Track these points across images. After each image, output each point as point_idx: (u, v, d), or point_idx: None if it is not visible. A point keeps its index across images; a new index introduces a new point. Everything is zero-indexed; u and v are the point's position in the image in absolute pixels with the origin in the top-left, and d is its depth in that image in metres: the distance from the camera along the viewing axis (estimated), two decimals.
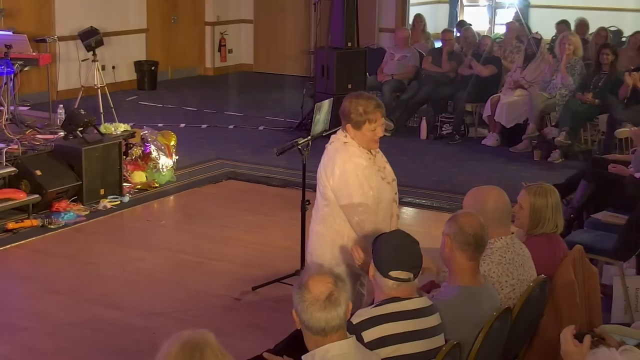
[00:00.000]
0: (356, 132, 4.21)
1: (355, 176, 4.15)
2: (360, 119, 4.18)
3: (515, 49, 10.48)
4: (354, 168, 4.16)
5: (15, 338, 5.07)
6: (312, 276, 2.91)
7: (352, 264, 4.18)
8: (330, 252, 4.30)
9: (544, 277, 3.90)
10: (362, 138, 4.22)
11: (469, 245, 3.51)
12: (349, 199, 4.15)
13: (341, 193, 4.17)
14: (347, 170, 4.16)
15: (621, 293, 5.26)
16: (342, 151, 4.21)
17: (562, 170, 8.31)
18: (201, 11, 14.02)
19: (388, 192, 4.33)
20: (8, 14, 10.80)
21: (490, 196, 3.96)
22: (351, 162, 4.17)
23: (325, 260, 4.29)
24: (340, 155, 4.20)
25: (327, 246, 4.32)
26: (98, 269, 6.16)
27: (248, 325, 5.18)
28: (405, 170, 8.80)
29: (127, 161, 7.88)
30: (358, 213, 4.14)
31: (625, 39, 12.03)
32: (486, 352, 3.46)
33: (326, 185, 4.24)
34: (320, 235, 4.34)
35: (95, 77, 9.75)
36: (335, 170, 4.19)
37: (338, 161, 4.19)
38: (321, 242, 4.34)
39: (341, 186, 4.16)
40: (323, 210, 4.31)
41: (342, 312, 2.89)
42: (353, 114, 4.19)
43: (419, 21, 11.90)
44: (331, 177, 4.21)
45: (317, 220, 4.38)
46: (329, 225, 4.29)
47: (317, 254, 4.36)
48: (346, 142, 4.24)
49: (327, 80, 9.99)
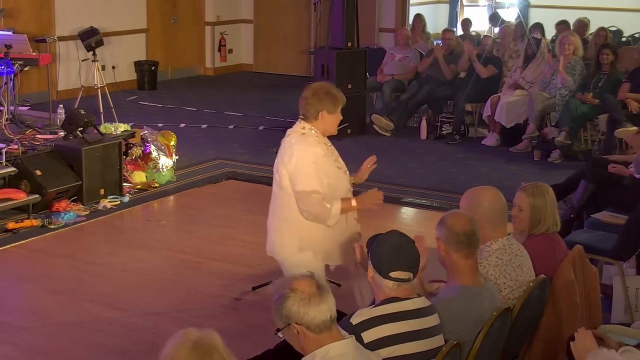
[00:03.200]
0: (329, 117, 4.39)
1: (313, 164, 4.28)
2: (336, 106, 4.39)
3: (514, 53, 10.47)
4: (312, 157, 4.29)
5: (15, 338, 5.07)
6: (290, 282, 2.92)
7: (314, 251, 4.36)
8: (290, 240, 4.40)
9: (544, 277, 3.90)
10: (331, 124, 4.40)
11: (462, 244, 3.52)
12: (304, 186, 4.26)
13: (297, 179, 4.28)
14: (305, 159, 4.28)
15: (621, 293, 5.26)
16: (301, 141, 4.34)
17: (562, 170, 8.31)
18: (201, 11, 14.02)
19: (345, 181, 4.45)
20: (8, 14, 10.80)
21: (485, 196, 3.96)
22: (310, 151, 4.30)
23: (286, 249, 4.43)
24: (299, 146, 4.33)
25: (287, 235, 4.42)
26: (98, 269, 6.16)
27: (248, 325, 5.17)
28: (405, 170, 8.82)
29: (127, 161, 7.88)
30: (308, 199, 4.25)
31: (625, 39, 12.05)
32: (486, 352, 3.46)
33: (283, 173, 4.34)
34: (280, 226, 4.44)
35: (95, 77, 9.76)
36: (293, 159, 4.30)
37: (296, 150, 4.31)
38: (281, 232, 4.45)
39: (297, 173, 4.27)
40: (280, 201, 4.41)
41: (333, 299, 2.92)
42: (329, 101, 4.38)
43: (418, 21, 11.90)
44: (289, 164, 4.31)
45: (274, 212, 4.48)
46: (287, 215, 4.38)
47: (278, 244, 4.47)
48: (304, 133, 4.37)
49: (327, 80, 9.98)
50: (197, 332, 2.48)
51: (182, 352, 2.42)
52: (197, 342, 2.44)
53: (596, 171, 6.51)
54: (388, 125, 10.28)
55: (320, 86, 4.45)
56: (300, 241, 4.39)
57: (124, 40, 12.60)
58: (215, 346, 2.45)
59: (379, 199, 4.48)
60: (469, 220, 3.56)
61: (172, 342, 2.47)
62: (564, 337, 3.97)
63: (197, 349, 2.42)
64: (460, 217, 3.58)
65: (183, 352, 2.42)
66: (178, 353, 2.43)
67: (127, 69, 12.72)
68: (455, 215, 3.62)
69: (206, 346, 2.44)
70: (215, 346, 2.45)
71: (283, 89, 13.03)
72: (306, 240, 4.38)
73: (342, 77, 9.98)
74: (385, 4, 13.54)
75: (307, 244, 4.40)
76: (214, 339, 2.48)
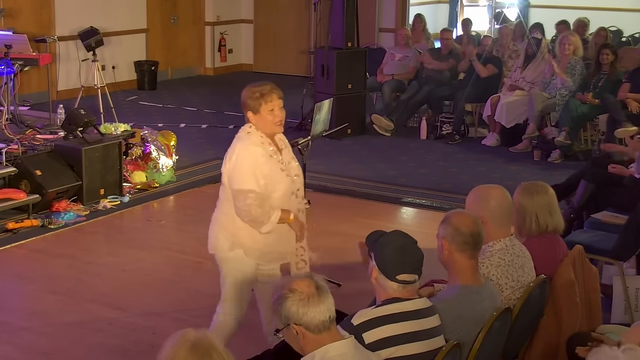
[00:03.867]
0: (257, 118, 4.31)
1: (249, 164, 4.24)
2: (257, 102, 4.29)
3: (513, 53, 10.47)
4: (249, 155, 4.25)
5: (15, 338, 5.07)
6: (289, 283, 2.91)
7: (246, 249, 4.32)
8: (224, 236, 4.37)
9: (544, 277, 3.90)
10: (264, 122, 4.31)
11: (468, 245, 3.51)
12: (240, 184, 4.22)
13: (234, 179, 4.25)
14: (243, 157, 4.25)
15: (621, 293, 5.26)
16: (244, 139, 4.30)
17: (562, 170, 8.31)
18: (201, 11, 14.02)
19: (286, 184, 4.35)
20: (8, 14, 10.80)
21: (493, 195, 3.96)
22: (248, 149, 4.26)
23: (219, 243, 4.40)
24: (240, 143, 4.30)
25: (222, 230, 4.40)
26: (98, 269, 6.16)
27: (248, 326, 5.17)
28: (405, 170, 8.82)
29: (127, 161, 7.88)
30: (245, 198, 4.20)
31: (625, 39, 12.05)
32: (486, 352, 3.46)
33: (223, 171, 4.33)
34: (217, 219, 4.44)
35: (95, 77, 9.76)
36: (233, 157, 4.28)
37: (237, 148, 4.29)
38: (217, 226, 4.43)
39: (235, 172, 4.25)
40: (221, 195, 4.42)
41: (332, 299, 2.92)
42: (249, 99, 4.31)
43: (419, 21, 11.90)
44: (228, 162, 4.30)
45: (218, 205, 4.47)
46: (225, 210, 4.37)
47: (212, 237, 4.45)
48: (249, 132, 4.33)
49: (327, 80, 9.99)
50: (194, 333, 2.48)
51: (181, 353, 2.42)
52: (195, 343, 2.44)
53: (596, 171, 6.51)
54: (388, 125, 10.28)
55: (247, 89, 4.40)
56: (233, 237, 4.35)
57: (124, 40, 12.59)
58: (213, 346, 2.45)
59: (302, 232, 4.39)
60: (474, 220, 3.56)
61: (170, 343, 2.47)
62: (564, 337, 3.97)
63: (196, 350, 2.42)
64: (466, 217, 3.57)
65: (182, 353, 2.42)
66: (177, 354, 2.43)
67: (127, 69, 12.72)
68: (460, 215, 3.60)
69: (205, 346, 2.44)
70: (213, 346, 2.45)
71: (283, 89, 12.92)
72: (239, 237, 4.34)
73: (342, 77, 9.98)
74: (385, 4, 13.54)
75: (239, 242, 4.35)
76: (212, 338, 2.48)
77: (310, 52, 12.93)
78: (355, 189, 8.13)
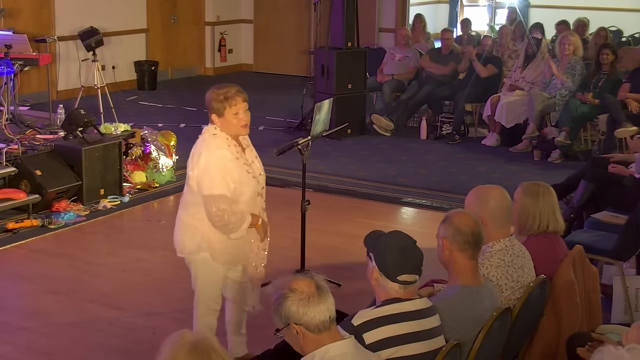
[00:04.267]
0: (221, 121, 4.28)
1: (219, 168, 4.21)
2: (221, 105, 4.25)
3: (513, 53, 10.47)
4: (218, 160, 4.22)
5: (15, 338, 5.07)
6: (290, 282, 2.91)
7: (212, 254, 4.33)
8: (190, 239, 4.37)
9: (544, 277, 3.90)
10: (229, 125, 4.28)
11: (469, 245, 3.51)
12: (211, 190, 4.20)
13: (204, 184, 4.23)
14: (212, 162, 4.22)
15: (621, 293, 5.26)
16: (210, 143, 4.26)
17: (562, 170, 8.31)
18: (201, 11, 14.02)
19: (252, 186, 4.35)
20: (8, 14, 10.80)
21: (492, 195, 3.96)
22: (216, 154, 4.23)
23: (185, 246, 4.40)
24: (207, 147, 4.26)
25: (188, 233, 4.39)
26: (98, 269, 6.16)
27: (248, 326, 5.16)
28: (405, 170, 8.82)
29: (127, 161, 7.88)
30: (218, 204, 4.19)
31: (625, 39, 12.05)
32: (486, 352, 3.46)
33: (190, 175, 4.31)
34: (182, 222, 4.42)
35: (95, 77, 9.76)
36: (201, 161, 4.24)
37: (204, 152, 4.25)
38: (183, 229, 4.42)
39: (204, 177, 4.22)
40: (187, 198, 4.39)
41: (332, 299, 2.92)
42: (214, 101, 4.27)
43: (419, 21, 11.91)
44: (196, 167, 4.26)
45: (181, 206, 4.44)
46: (191, 213, 4.35)
47: (178, 240, 4.45)
48: (215, 134, 4.29)
49: (327, 80, 9.99)
50: (192, 334, 2.47)
51: (180, 356, 2.41)
52: (194, 344, 2.43)
53: (596, 171, 6.51)
54: (388, 125, 10.28)
55: (211, 90, 4.34)
56: (201, 240, 4.34)
57: (124, 40, 12.60)
58: (213, 347, 2.44)
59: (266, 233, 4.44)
60: (475, 220, 3.56)
61: (168, 345, 2.46)
62: (564, 337, 3.97)
63: (195, 351, 2.42)
64: (467, 217, 3.57)
65: (181, 355, 2.41)
66: (176, 357, 2.42)
67: (127, 69, 12.72)
68: (461, 214, 3.60)
69: (204, 348, 2.43)
70: (213, 347, 2.44)
71: (283, 89, 13.03)
72: (207, 241, 4.33)
73: (342, 77, 9.98)
74: (385, 4, 13.54)
75: (207, 245, 4.34)
76: (210, 339, 2.47)
77: (310, 52, 12.93)
78: (355, 189, 8.13)
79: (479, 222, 3.58)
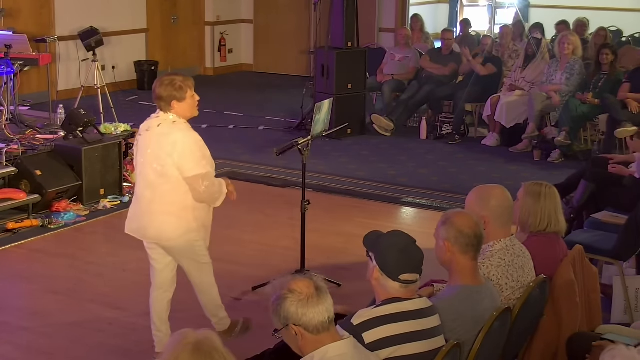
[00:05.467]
0: (183, 105, 4.51)
1: (199, 148, 4.50)
2: (182, 92, 4.50)
3: (513, 53, 10.47)
4: (194, 141, 4.50)
5: (15, 338, 5.07)
6: (288, 283, 2.91)
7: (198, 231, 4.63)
8: (177, 224, 4.56)
9: (544, 277, 3.90)
10: (189, 109, 4.55)
11: (472, 247, 3.51)
12: (195, 170, 4.45)
13: (186, 167, 4.44)
14: (189, 144, 4.47)
15: (621, 293, 5.26)
16: (179, 128, 4.50)
17: (562, 170, 8.31)
18: (201, 11, 14.02)
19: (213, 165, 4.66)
20: (8, 14, 10.80)
21: (494, 195, 3.96)
22: (190, 136, 4.50)
23: (169, 232, 4.58)
24: (178, 132, 4.48)
25: (171, 219, 4.56)
26: (98, 269, 6.16)
27: None
28: (405, 170, 8.82)
29: (127, 161, 7.88)
30: (204, 181, 4.47)
31: (625, 39, 12.04)
32: (486, 352, 3.46)
33: (166, 163, 4.45)
34: (162, 211, 4.56)
35: (95, 77, 9.76)
36: (178, 147, 4.44)
37: (178, 138, 4.46)
38: (164, 217, 4.56)
39: (186, 160, 4.44)
40: (162, 189, 4.52)
41: (331, 299, 2.93)
42: (174, 90, 4.49)
43: (416, 21, 11.94)
44: (174, 154, 4.43)
45: (157, 200, 4.55)
46: (174, 199, 4.52)
47: (168, 229, 4.58)
48: (175, 122, 4.51)
49: (327, 80, 9.99)
50: (194, 334, 2.47)
51: (183, 356, 2.41)
52: (197, 345, 2.43)
53: (596, 171, 6.51)
54: (388, 125, 10.28)
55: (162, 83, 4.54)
56: (188, 223, 4.57)
57: (124, 40, 12.60)
58: (216, 347, 2.44)
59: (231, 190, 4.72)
60: (476, 221, 3.56)
61: (170, 345, 2.45)
62: (564, 337, 3.97)
63: (198, 352, 2.41)
64: (468, 218, 3.56)
65: (185, 355, 2.41)
66: (180, 357, 2.42)
67: (127, 69, 12.73)
68: (461, 216, 3.58)
69: (207, 348, 2.43)
70: (216, 347, 2.44)
71: (283, 89, 13.03)
72: (193, 221, 4.59)
73: (342, 77, 9.98)
74: (385, 4, 13.54)
75: (194, 225, 4.61)
76: (213, 339, 2.47)
77: (310, 52, 12.93)
78: (355, 189, 8.13)
79: (479, 222, 3.58)
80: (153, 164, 4.51)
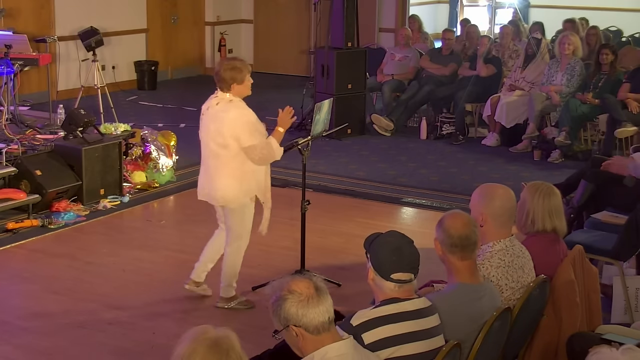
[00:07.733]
0: (241, 87, 5.22)
1: (253, 121, 5.21)
2: (242, 74, 5.21)
3: (513, 53, 10.47)
4: (248, 116, 5.19)
5: (15, 338, 5.07)
6: (288, 284, 2.90)
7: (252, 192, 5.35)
8: (239, 186, 5.26)
9: (544, 277, 3.90)
10: (245, 89, 5.25)
11: (456, 247, 3.53)
12: (251, 141, 5.15)
13: (243, 137, 5.14)
14: (244, 119, 5.17)
15: (621, 293, 5.26)
16: (234, 107, 5.19)
17: (562, 170, 8.32)
18: (201, 11, 14.03)
19: None
20: (8, 14, 10.80)
21: (498, 194, 3.97)
22: (245, 113, 5.19)
23: (233, 195, 5.27)
24: (234, 110, 5.17)
25: (235, 184, 5.25)
26: (98, 269, 6.16)
27: (248, 326, 5.17)
28: (405, 170, 8.82)
29: (127, 161, 7.88)
30: (261, 149, 5.18)
31: (625, 39, 12.04)
32: (486, 352, 3.46)
33: (227, 136, 5.15)
34: (226, 176, 5.25)
35: (95, 77, 9.76)
36: (237, 122, 5.15)
37: (235, 114, 5.16)
38: (228, 181, 5.25)
39: (242, 132, 5.14)
40: (226, 158, 5.22)
41: (331, 300, 2.93)
42: (237, 73, 5.19)
43: (413, 22, 11.96)
44: (234, 127, 5.14)
45: (220, 167, 5.25)
46: (235, 166, 5.22)
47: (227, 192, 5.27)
48: (231, 100, 5.21)
49: (327, 80, 9.99)
50: (214, 331, 2.47)
51: (199, 350, 2.41)
52: (216, 341, 2.43)
53: (596, 171, 6.50)
54: (388, 125, 10.28)
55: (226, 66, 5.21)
56: (249, 186, 5.29)
57: (124, 40, 12.60)
58: (233, 347, 2.44)
59: (290, 112, 5.32)
60: (465, 223, 3.56)
61: (189, 337, 2.45)
62: (564, 337, 3.97)
63: (215, 348, 2.41)
64: (457, 219, 3.57)
65: (201, 350, 2.41)
66: (196, 350, 2.42)
67: (127, 69, 12.73)
68: (452, 217, 3.60)
69: (225, 346, 2.43)
70: (233, 347, 2.44)
71: (283, 89, 13.02)
72: (253, 184, 5.32)
73: (342, 77, 9.98)
74: (385, 4, 13.54)
75: (252, 188, 5.33)
76: (232, 339, 2.47)
77: (310, 52, 12.93)
78: (355, 189, 8.13)
79: (470, 224, 3.57)
80: (216, 138, 5.20)
